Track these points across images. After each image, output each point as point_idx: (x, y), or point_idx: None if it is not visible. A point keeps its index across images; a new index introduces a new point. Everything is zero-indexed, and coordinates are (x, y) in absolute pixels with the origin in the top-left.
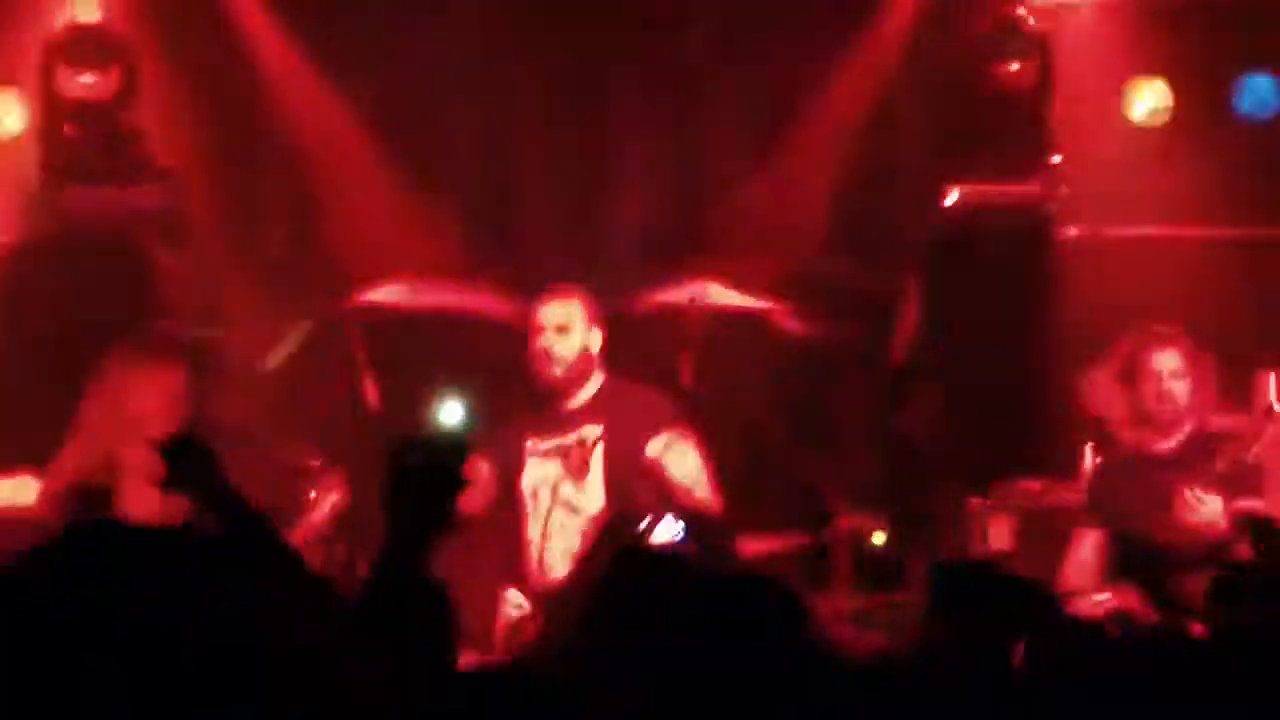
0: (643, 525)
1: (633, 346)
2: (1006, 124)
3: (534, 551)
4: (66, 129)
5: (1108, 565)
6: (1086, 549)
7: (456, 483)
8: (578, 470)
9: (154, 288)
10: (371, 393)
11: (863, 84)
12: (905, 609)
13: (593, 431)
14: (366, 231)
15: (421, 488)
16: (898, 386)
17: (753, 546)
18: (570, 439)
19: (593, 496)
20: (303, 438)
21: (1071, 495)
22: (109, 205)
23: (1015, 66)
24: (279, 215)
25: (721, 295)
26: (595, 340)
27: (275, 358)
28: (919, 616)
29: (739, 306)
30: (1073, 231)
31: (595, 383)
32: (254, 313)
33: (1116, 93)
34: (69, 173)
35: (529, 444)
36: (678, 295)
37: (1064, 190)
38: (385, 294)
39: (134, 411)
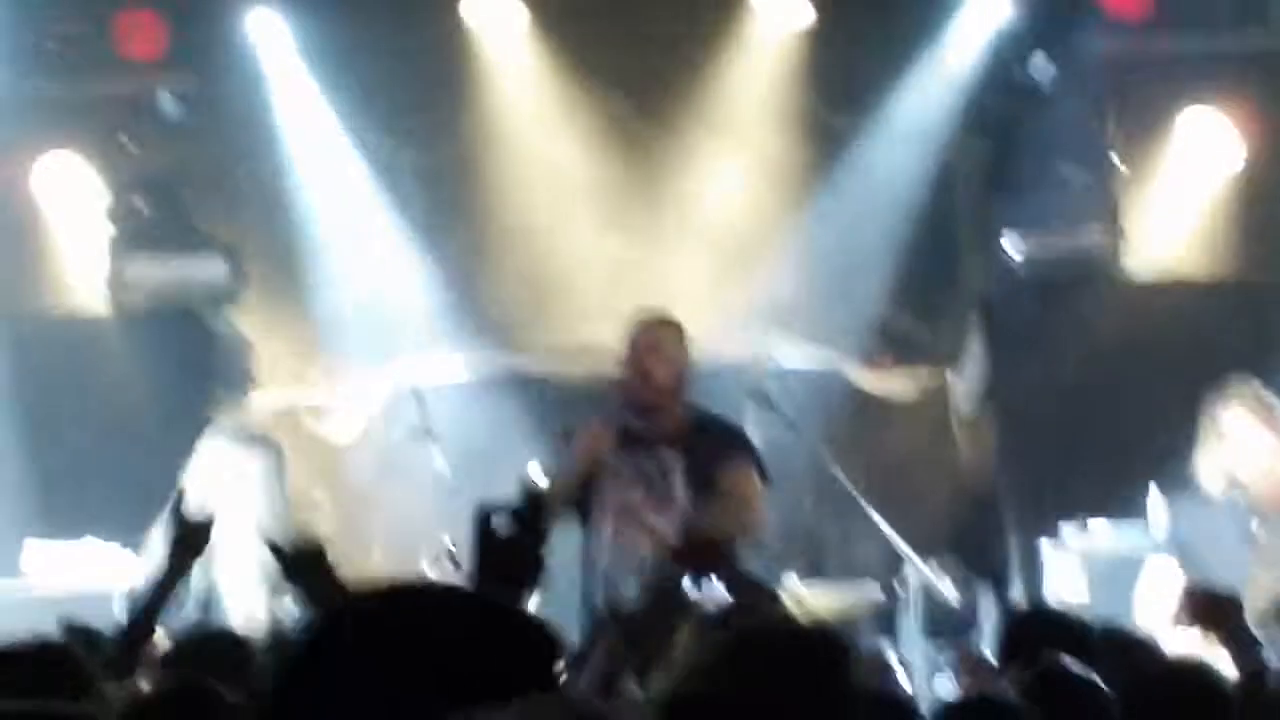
0: (686, 584)
1: (697, 398)
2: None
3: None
4: (135, 201)
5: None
6: (1157, 582)
7: (540, 539)
8: (661, 497)
9: (216, 356)
10: (439, 460)
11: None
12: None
13: (675, 460)
14: (422, 302)
15: (507, 549)
16: (964, 435)
17: (822, 600)
18: (651, 464)
19: (674, 524)
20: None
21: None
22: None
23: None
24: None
25: (783, 349)
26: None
27: (346, 430)
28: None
29: (804, 357)
30: (1137, 276)
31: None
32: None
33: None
34: (137, 244)
35: (610, 461)
36: (740, 350)
37: (1125, 235)
38: (437, 367)
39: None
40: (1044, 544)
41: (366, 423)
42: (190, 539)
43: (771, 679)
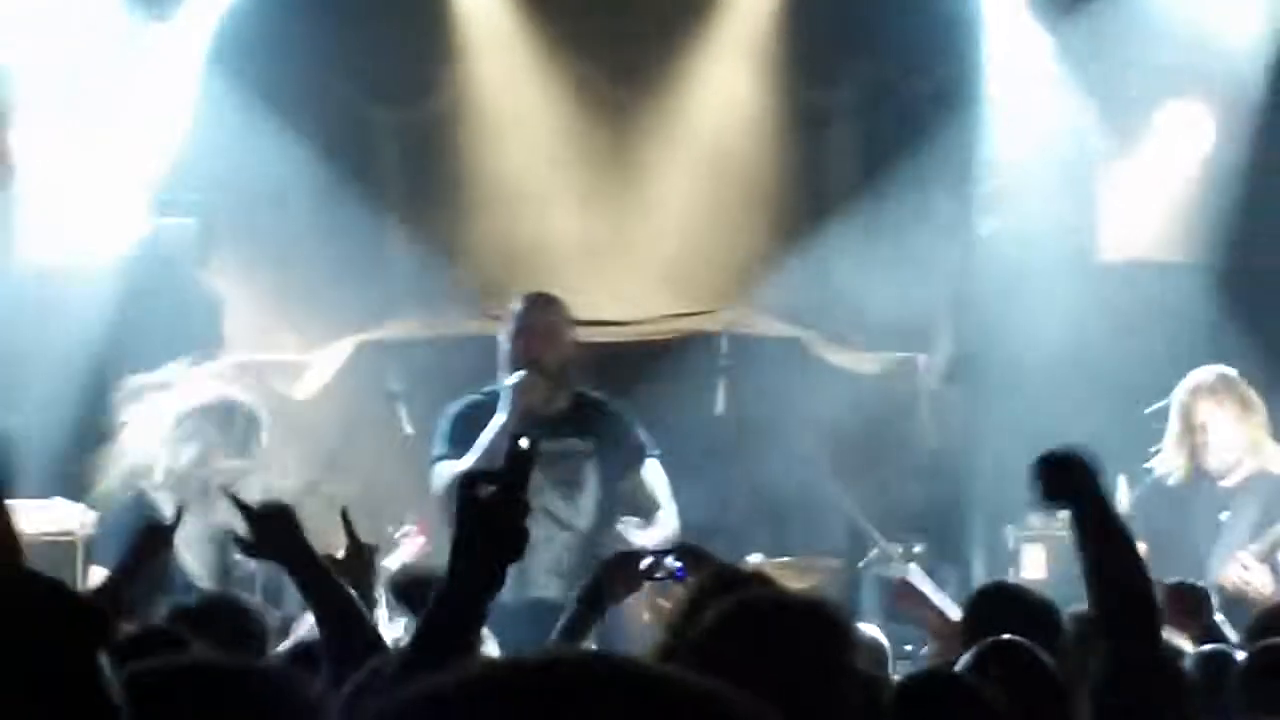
0: (645, 562)
1: (666, 373)
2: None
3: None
4: None
5: None
6: None
7: (525, 508)
8: (569, 484)
9: (185, 314)
10: (404, 419)
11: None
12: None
13: (579, 444)
14: (396, 262)
15: (491, 517)
16: (932, 414)
17: (786, 577)
18: (555, 447)
19: (585, 512)
20: (336, 463)
21: None
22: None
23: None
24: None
25: (753, 322)
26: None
27: (306, 388)
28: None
29: (771, 333)
30: (1108, 257)
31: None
32: (280, 343)
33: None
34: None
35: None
36: (712, 322)
37: (1101, 219)
38: (403, 326)
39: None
40: (1009, 529)
41: (331, 380)
42: (150, 540)
43: (771, 649)
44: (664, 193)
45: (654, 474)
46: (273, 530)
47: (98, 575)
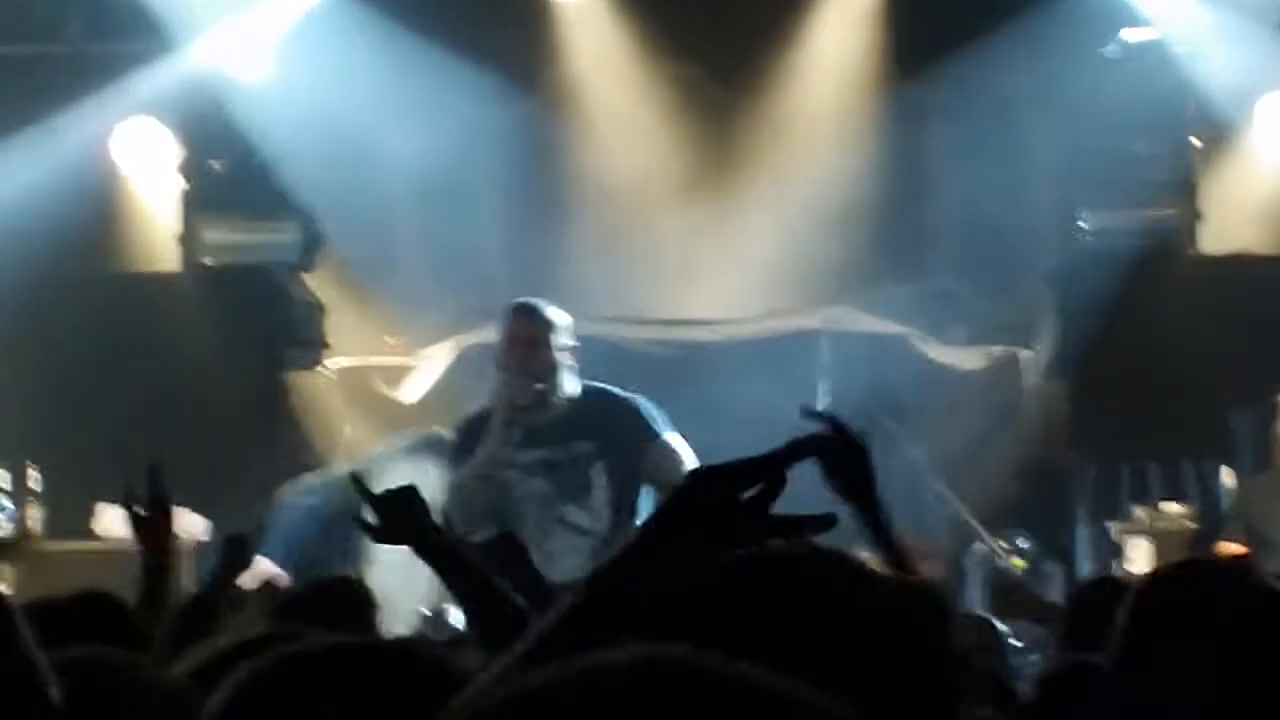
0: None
1: (766, 371)
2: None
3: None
4: (213, 165)
5: None
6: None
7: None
8: (579, 489)
9: (289, 318)
10: None
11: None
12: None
13: (583, 447)
14: (497, 263)
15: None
16: (1035, 410)
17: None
18: (559, 455)
19: (599, 515)
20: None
21: (1210, 518)
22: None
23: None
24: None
25: (854, 320)
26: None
27: (411, 391)
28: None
29: (872, 331)
30: (1210, 252)
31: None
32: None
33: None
34: (213, 206)
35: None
36: (812, 319)
37: (1199, 211)
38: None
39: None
40: (1114, 525)
41: (435, 383)
42: (234, 554)
43: (875, 634)
44: (764, 191)
45: (667, 452)
46: (401, 516)
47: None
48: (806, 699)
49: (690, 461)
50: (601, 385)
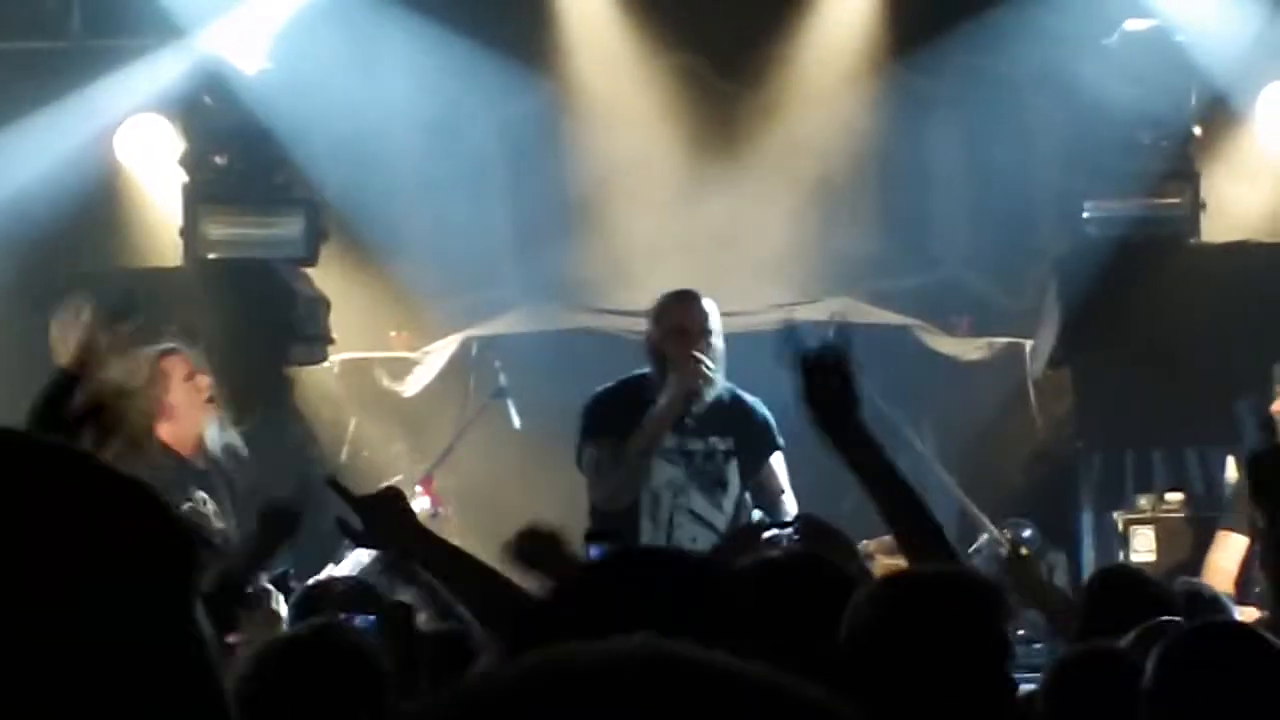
0: (767, 534)
1: (773, 364)
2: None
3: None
4: (215, 158)
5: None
6: (1229, 554)
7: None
8: (714, 484)
9: (293, 313)
10: (513, 414)
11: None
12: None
13: (722, 443)
14: (502, 257)
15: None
16: (1039, 400)
17: (895, 563)
18: (699, 447)
19: (726, 512)
20: (447, 459)
21: (1213, 507)
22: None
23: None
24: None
25: (860, 311)
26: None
27: (415, 384)
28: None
29: (876, 322)
30: (1214, 240)
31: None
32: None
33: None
34: (215, 199)
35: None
36: (817, 311)
37: (1203, 201)
38: (511, 321)
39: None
40: (1118, 514)
41: (439, 377)
42: (277, 524)
43: (934, 624)
44: (769, 183)
45: (778, 465)
46: (385, 517)
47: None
48: (794, 689)
49: (785, 480)
50: (733, 386)
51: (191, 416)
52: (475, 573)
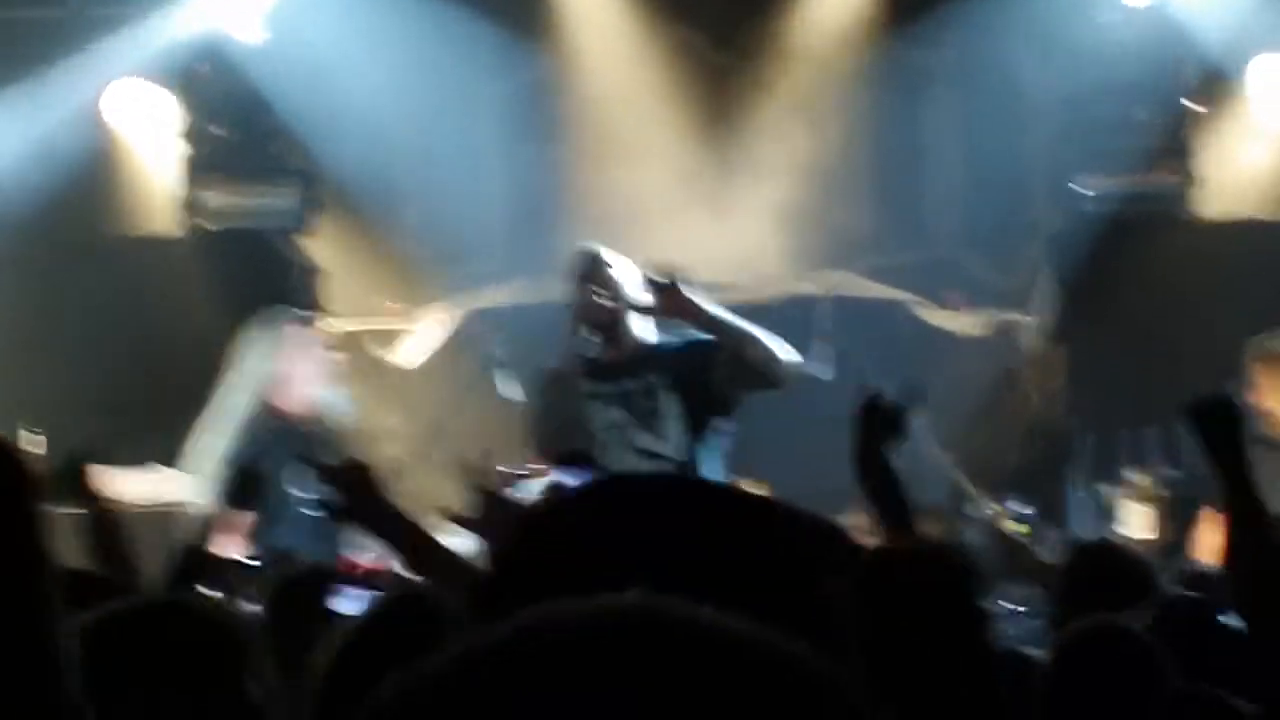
0: None
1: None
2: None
3: None
4: (212, 128)
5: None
6: (1214, 529)
7: None
8: (651, 417)
9: (286, 282)
10: (510, 386)
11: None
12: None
13: (659, 380)
14: (496, 231)
15: None
16: (1033, 375)
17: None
18: (634, 386)
19: (673, 439)
20: (443, 431)
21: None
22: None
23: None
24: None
25: (856, 286)
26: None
27: (409, 355)
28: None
29: (873, 297)
30: (1208, 217)
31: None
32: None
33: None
34: (212, 169)
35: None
36: (814, 286)
37: (1196, 177)
38: (511, 292)
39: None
40: (1108, 488)
41: (435, 348)
42: (241, 484)
43: (906, 598)
44: (766, 156)
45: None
46: (351, 490)
47: None
48: (781, 645)
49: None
50: (684, 334)
51: (307, 385)
52: (442, 555)
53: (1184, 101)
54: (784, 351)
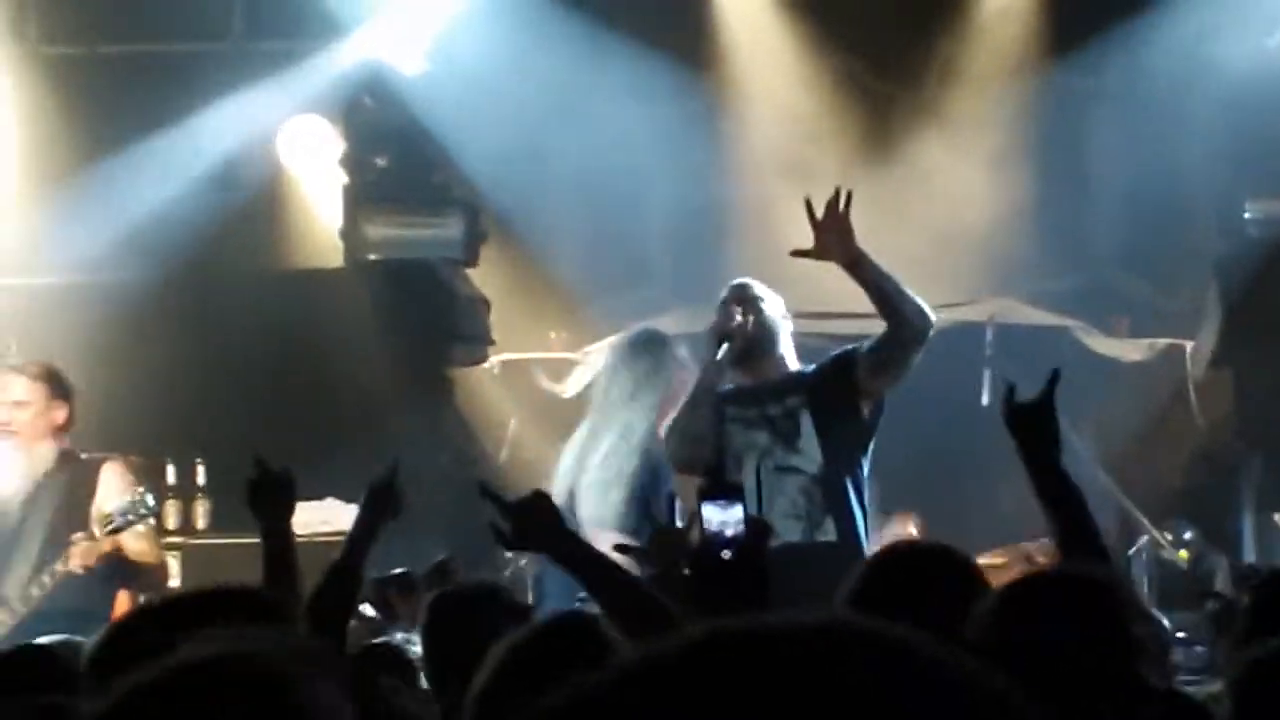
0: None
1: (930, 364)
2: None
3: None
4: (375, 159)
5: None
6: None
7: None
8: (791, 436)
9: (453, 313)
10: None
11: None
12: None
13: (795, 400)
14: (658, 258)
15: None
16: (1200, 401)
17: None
18: (775, 411)
19: (811, 454)
20: None
21: None
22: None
23: None
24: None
25: (1019, 312)
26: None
27: (574, 385)
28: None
29: (1036, 323)
30: None
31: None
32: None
33: None
34: (376, 200)
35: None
36: (976, 312)
37: None
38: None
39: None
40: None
41: (595, 376)
42: (381, 501)
43: (1055, 623)
44: (927, 183)
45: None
46: (533, 522)
47: None
48: (976, 672)
49: None
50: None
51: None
52: (618, 578)
53: None
54: (929, 308)
